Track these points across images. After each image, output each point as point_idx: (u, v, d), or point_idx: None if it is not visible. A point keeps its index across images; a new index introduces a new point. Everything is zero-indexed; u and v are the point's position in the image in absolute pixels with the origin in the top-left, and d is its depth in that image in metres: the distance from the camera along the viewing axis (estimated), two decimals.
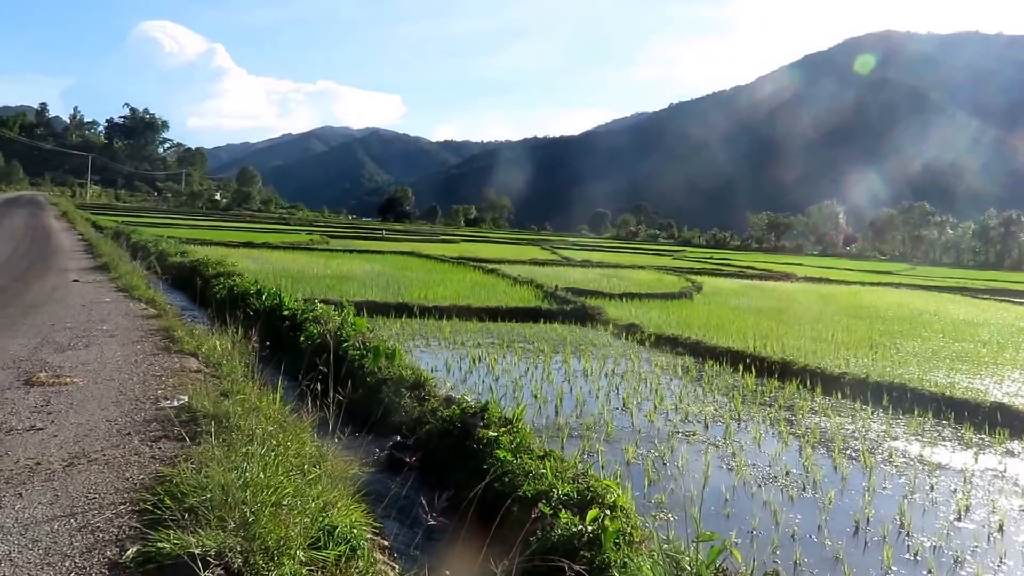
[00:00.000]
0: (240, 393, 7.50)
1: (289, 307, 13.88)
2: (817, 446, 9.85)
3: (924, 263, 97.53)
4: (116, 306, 14.36)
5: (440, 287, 23.48)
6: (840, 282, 43.07)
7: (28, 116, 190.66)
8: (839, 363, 14.67)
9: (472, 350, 14.88)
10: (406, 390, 9.66)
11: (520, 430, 7.61)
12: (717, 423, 10.75)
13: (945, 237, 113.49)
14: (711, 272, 44.62)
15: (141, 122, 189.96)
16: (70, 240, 32.79)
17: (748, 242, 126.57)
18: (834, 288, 38.53)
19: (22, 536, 4.48)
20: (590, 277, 32.57)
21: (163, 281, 21.96)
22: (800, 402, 12.23)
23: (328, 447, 6.76)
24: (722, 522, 7.10)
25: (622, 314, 20.41)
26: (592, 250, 68.46)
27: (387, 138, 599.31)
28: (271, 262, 29.06)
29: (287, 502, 4.84)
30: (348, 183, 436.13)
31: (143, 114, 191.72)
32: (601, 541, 5.23)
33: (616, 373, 13.71)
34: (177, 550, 4.11)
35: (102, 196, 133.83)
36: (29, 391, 7.79)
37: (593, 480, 6.29)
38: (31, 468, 5.59)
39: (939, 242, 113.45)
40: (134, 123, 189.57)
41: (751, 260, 66.44)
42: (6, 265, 20.99)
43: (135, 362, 9.53)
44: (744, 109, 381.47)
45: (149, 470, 5.62)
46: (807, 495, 8.09)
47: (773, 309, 24.68)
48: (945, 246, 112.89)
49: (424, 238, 70.77)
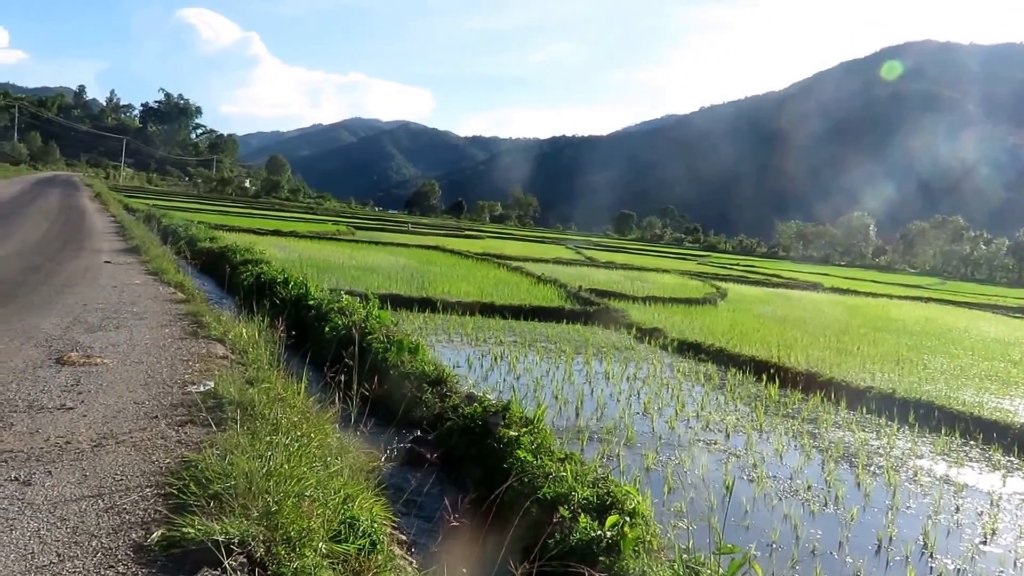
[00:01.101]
0: (265, 381, 7.57)
1: (315, 297, 13.97)
2: (840, 461, 9.81)
3: (955, 278, 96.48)
4: (146, 289, 14.51)
5: (464, 283, 23.53)
6: (868, 294, 42.65)
7: (66, 98, 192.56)
8: (865, 377, 14.56)
9: (494, 348, 14.93)
10: (428, 385, 9.72)
11: (541, 431, 7.64)
12: (739, 433, 10.72)
13: (978, 253, 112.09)
14: (736, 279, 44.35)
15: (175, 107, 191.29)
16: (103, 221, 33.11)
17: (775, 250, 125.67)
18: (861, 300, 38.18)
19: (51, 514, 4.55)
20: (614, 279, 32.51)
21: (192, 266, 22.14)
22: (824, 415, 12.16)
23: (350, 440, 6.82)
24: (741, 533, 7.09)
25: (645, 318, 20.38)
26: (616, 251, 68.30)
27: (416, 131, 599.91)
28: (297, 251, 29.24)
29: (310, 493, 4.89)
30: (375, 175, 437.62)
31: (177, 99, 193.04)
32: (620, 548, 5.25)
33: (638, 377, 13.70)
34: (201, 536, 4.17)
35: (135, 179, 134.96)
36: (60, 370, 7.90)
37: (613, 485, 6.31)
38: (61, 447, 5.68)
39: (971, 257, 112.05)
40: (168, 108, 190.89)
41: (777, 268, 65.98)
42: (41, 244, 21.24)
43: (163, 345, 9.63)
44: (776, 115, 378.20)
45: (175, 454, 5.69)
46: (829, 510, 8.06)
47: (799, 319, 24.50)
48: (977, 262, 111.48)
49: (449, 233, 70.87)
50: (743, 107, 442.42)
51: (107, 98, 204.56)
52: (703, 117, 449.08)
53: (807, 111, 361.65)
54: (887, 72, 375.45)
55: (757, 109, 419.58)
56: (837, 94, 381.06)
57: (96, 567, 4.03)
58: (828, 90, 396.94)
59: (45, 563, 4.02)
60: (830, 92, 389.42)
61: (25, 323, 10.00)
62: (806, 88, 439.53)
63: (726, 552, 5.11)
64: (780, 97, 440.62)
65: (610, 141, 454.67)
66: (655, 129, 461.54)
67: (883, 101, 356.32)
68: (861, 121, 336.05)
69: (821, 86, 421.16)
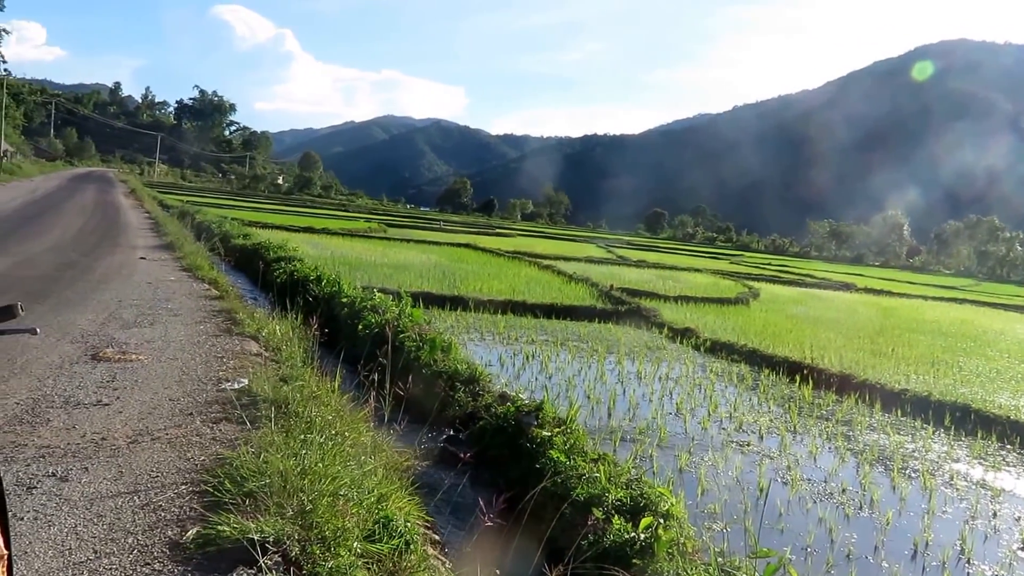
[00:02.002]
0: (299, 379, 7.59)
1: (348, 295, 13.99)
2: (875, 464, 9.67)
3: (990, 279, 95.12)
4: (180, 285, 14.63)
5: (495, 281, 23.50)
6: (902, 295, 42.07)
7: (102, 95, 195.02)
8: (899, 379, 14.36)
9: (526, 346, 14.89)
10: (460, 384, 9.68)
11: (574, 431, 7.59)
12: (772, 434, 10.61)
13: (1014, 254, 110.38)
14: (769, 278, 43.97)
15: (210, 104, 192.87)
16: (137, 217, 33.48)
17: (807, 249, 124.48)
18: (895, 301, 37.70)
19: (87, 510, 4.58)
20: (645, 278, 32.36)
21: (225, 262, 22.29)
22: (858, 417, 12.00)
23: (384, 438, 6.82)
24: (776, 537, 7.01)
25: (677, 317, 20.26)
26: (648, 250, 68.01)
27: (448, 129, 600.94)
28: (330, 248, 29.37)
29: (344, 492, 4.89)
30: (408, 172, 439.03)
31: (212, 96, 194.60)
32: (654, 550, 5.19)
33: (670, 377, 13.60)
34: (237, 534, 4.17)
35: (169, 175, 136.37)
36: (96, 366, 7.96)
37: (646, 486, 6.24)
38: (97, 443, 5.72)
39: (1007, 259, 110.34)
40: (203, 105, 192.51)
41: (810, 268, 65.30)
42: (77, 240, 21.49)
43: (197, 342, 9.69)
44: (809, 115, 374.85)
45: (210, 451, 5.71)
46: (864, 514, 7.95)
47: (832, 320, 24.24)
48: (1013, 263, 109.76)
49: (480, 230, 70.85)
50: (776, 106, 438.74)
51: (142, 95, 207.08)
52: (736, 116, 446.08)
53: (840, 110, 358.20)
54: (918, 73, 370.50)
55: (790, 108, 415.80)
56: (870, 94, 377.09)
57: (132, 564, 4.04)
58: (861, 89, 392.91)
59: (82, 560, 4.04)
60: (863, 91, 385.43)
61: (61, 319, 10.11)
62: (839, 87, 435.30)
63: (762, 556, 5.03)
64: (813, 96, 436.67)
65: (642, 140, 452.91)
66: (687, 128, 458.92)
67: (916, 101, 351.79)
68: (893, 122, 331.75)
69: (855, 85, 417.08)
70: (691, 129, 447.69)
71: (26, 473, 5.01)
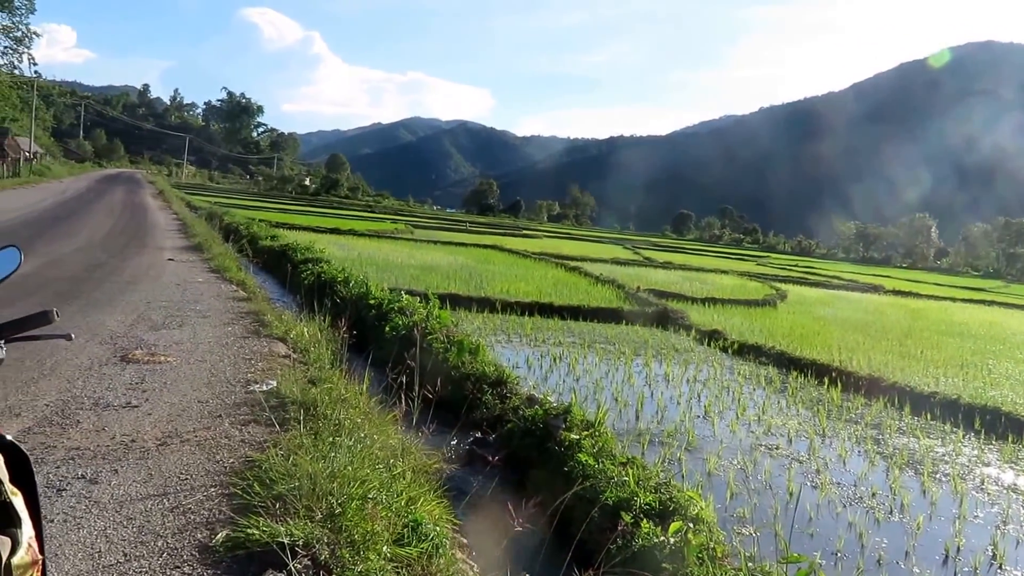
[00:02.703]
0: (327, 381, 7.59)
1: (375, 296, 14.01)
2: (905, 468, 9.54)
3: (1019, 281, 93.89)
4: (208, 287, 14.70)
5: (522, 283, 23.45)
6: (930, 296, 41.60)
7: (131, 96, 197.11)
8: (928, 382, 14.17)
9: (553, 348, 14.84)
10: (488, 386, 9.66)
11: (602, 434, 7.55)
12: (801, 437, 10.50)
13: None
14: (796, 280, 43.65)
15: (237, 106, 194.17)
16: (165, 218, 33.73)
17: (834, 251, 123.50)
18: (923, 303, 37.29)
19: (117, 513, 4.58)
20: (672, 279, 32.22)
21: (253, 264, 22.41)
22: (888, 420, 11.86)
23: (412, 441, 6.80)
24: (806, 541, 6.93)
25: (704, 319, 20.14)
26: (674, 251, 67.72)
27: (474, 131, 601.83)
28: (357, 249, 29.44)
29: (373, 495, 4.86)
30: (434, 174, 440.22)
31: (240, 98, 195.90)
32: (684, 555, 5.13)
33: (698, 380, 13.51)
34: (266, 537, 4.15)
35: (197, 176, 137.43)
36: (125, 368, 8.00)
37: (675, 490, 6.19)
38: (126, 445, 5.73)
39: None
40: (231, 107, 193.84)
41: (837, 269, 64.75)
42: (105, 241, 21.67)
43: (226, 344, 9.72)
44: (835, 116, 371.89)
45: (239, 454, 5.71)
46: (894, 518, 7.84)
47: (860, 322, 24.01)
48: None
49: (507, 232, 70.86)
50: (802, 107, 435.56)
51: (171, 97, 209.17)
52: (762, 117, 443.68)
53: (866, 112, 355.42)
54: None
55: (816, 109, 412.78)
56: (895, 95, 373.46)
57: (162, 567, 4.03)
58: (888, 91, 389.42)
59: (112, 562, 4.04)
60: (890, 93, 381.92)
61: (90, 320, 10.17)
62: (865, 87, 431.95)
63: (792, 561, 4.98)
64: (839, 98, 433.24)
65: (668, 141, 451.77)
66: (713, 129, 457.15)
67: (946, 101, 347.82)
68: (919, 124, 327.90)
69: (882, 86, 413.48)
70: (717, 130, 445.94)
71: (56, 475, 5.02)
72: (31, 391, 6.78)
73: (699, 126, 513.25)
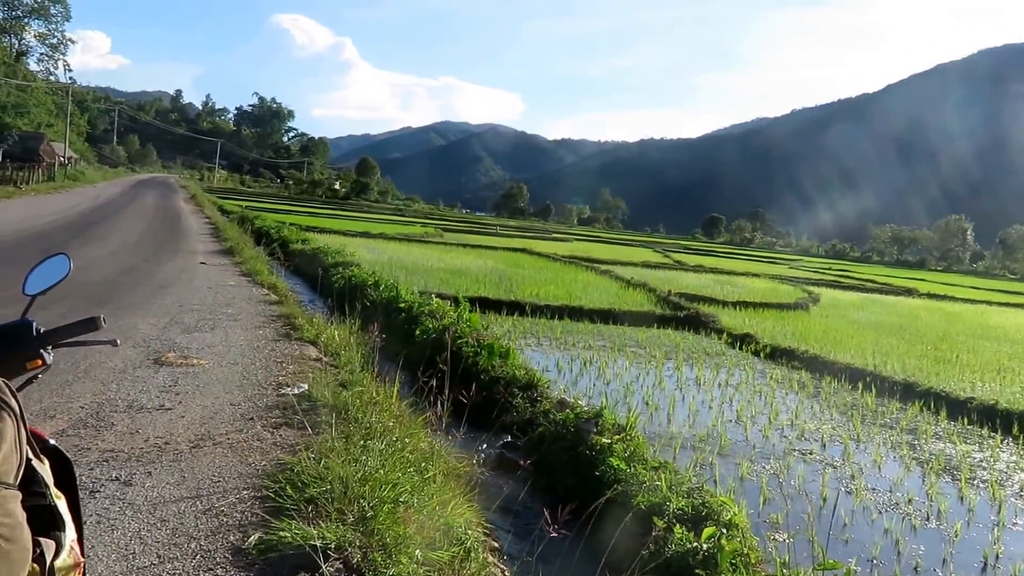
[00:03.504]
0: (358, 385, 7.59)
1: (405, 300, 14.03)
2: (942, 474, 9.41)
3: None
4: (240, 290, 14.79)
5: (552, 286, 23.41)
6: (965, 300, 40.98)
7: (163, 102, 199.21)
8: (965, 386, 14.00)
9: (583, 352, 14.79)
10: (518, 390, 9.64)
11: (634, 438, 7.49)
12: (835, 442, 10.39)
13: None
14: (829, 283, 43.30)
15: (268, 111, 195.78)
16: (197, 223, 34.03)
17: (868, 254, 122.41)
18: (959, 306, 36.79)
19: (151, 515, 4.60)
20: (703, 283, 32.06)
21: (284, 267, 22.54)
22: (923, 426, 11.69)
23: (442, 444, 6.79)
24: (840, 547, 6.83)
25: (736, 323, 20.01)
26: (705, 255, 67.41)
27: (504, 134, 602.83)
28: (387, 253, 29.52)
29: (404, 499, 4.85)
30: (464, 177, 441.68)
31: (271, 103, 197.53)
32: (717, 561, 5.07)
33: (730, 384, 13.41)
34: (298, 540, 4.15)
35: (228, 180, 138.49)
36: (158, 370, 8.06)
37: (708, 495, 6.13)
38: (160, 448, 5.76)
39: None
40: (262, 111, 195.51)
41: (871, 273, 64.13)
42: (139, 245, 21.90)
43: (257, 347, 9.77)
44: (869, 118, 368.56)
45: (271, 456, 5.73)
46: (931, 525, 7.73)
47: (894, 325, 23.75)
48: None
49: (536, 235, 70.82)
50: (835, 110, 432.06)
51: (203, 102, 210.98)
52: (794, 120, 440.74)
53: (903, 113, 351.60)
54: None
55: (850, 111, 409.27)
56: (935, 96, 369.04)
57: (195, 569, 4.04)
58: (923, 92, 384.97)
59: (146, 564, 4.05)
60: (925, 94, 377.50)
61: (123, 323, 10.26)
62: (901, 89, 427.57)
63: (828, 568, 4.89)
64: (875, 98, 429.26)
65: (699, 144, 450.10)
66: (745, 132, 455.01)
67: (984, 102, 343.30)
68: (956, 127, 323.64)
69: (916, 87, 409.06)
70: (749, 133, 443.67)
71: (90, 477, 5.05)
72: (66, 393, 6.84)
73: (731, 128, 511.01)
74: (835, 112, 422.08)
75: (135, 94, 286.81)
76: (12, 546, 1.49)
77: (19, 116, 73.57)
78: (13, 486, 1.53)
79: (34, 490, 1.68)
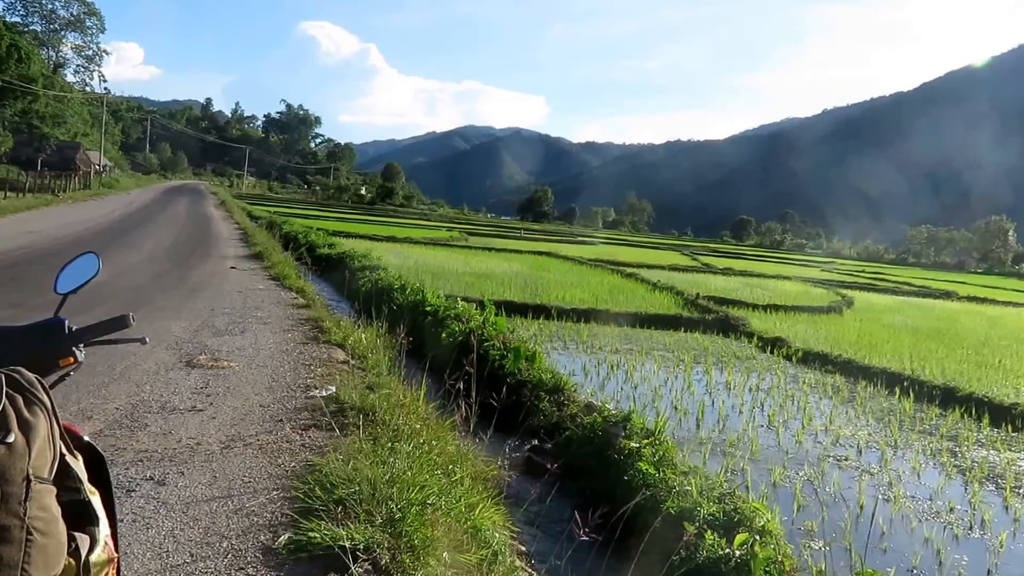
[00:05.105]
0: (385, 387, 7.62)
1: (431, 303, 14.07)
2: (985, 482, 9.23)
3: None
4: (269, 294, 14.90)
5: (578, 289, 23.37)
6: (1008, 303, 40.00)
7: (194, 110, 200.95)
8: (1008, 392, 13.71)
9: (610, 356, 14.74)
10: (545, 394, 9.64)
11: (663, 443, 7.45)
12: (871, 449, 10.26)
13: None
14: (863, 286, 42.73)
15: (295, 117, 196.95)
16: (227, 228, 34.30)
17: (904, 256, 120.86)
18: (1000, 310, 36.01)
19: (184, 514, 4.64)
20: (732, 286, 31.86)
21: (312, 272, 22.66)
22: (965, 432, 11.46)
23: (469, 447, 6.80)
24: (879, 557, 6.73)
25: (766, 326, 19.84)
26: (734, 257, 67.01)
27: (529, 138, 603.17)
28: (413, 257, 29.62)
29: (432, 501, 4.86)
30: (489, 181, 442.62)
31: (298, 110, 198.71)
32: (750, 568, 5.03)
33: (761, 388, 13.31)
34: (328, 541, 4.17)
35: (256, 187, 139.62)
36: (190, 372, 8.13)
37: (740, 501, 6.08)
38: (192, 448, 5.81)
39: None
40: (289, 118, 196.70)
41: (908, 275, 63.35)
42: (170, 250, 22.12)
43: (286, 350, 9.83)
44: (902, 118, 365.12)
45: (300, 458, 5.76)
46: (974, 535, 7.60)
47: (932, 329, 23.33)
48: None
49: (562, 239, 70.75)
50: (867, 109, 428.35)
51: (232, 110, 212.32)
52: (825, 120, 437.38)
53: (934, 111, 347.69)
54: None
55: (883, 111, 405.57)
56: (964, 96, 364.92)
57: (227, 568, 4.07)
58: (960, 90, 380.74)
59: (179, 563, 4.09)
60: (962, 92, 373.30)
61: (156, 326, 10.36)
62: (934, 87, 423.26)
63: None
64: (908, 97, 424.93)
65: (727, 146, 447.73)
66: (774, 133, 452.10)
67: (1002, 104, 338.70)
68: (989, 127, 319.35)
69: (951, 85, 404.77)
70: (778, 133, 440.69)
71: (125, 476, 5.11)
72: (102, 395, 6.92)
73: (759, 129, 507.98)
74: (867, 111, 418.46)
75: (167, 103, 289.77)
76: (48, 540, 1.51)
77: (56, 126, 74.86)
78: (48, 480, 1.56)
79: (68, 485, 1.70)
